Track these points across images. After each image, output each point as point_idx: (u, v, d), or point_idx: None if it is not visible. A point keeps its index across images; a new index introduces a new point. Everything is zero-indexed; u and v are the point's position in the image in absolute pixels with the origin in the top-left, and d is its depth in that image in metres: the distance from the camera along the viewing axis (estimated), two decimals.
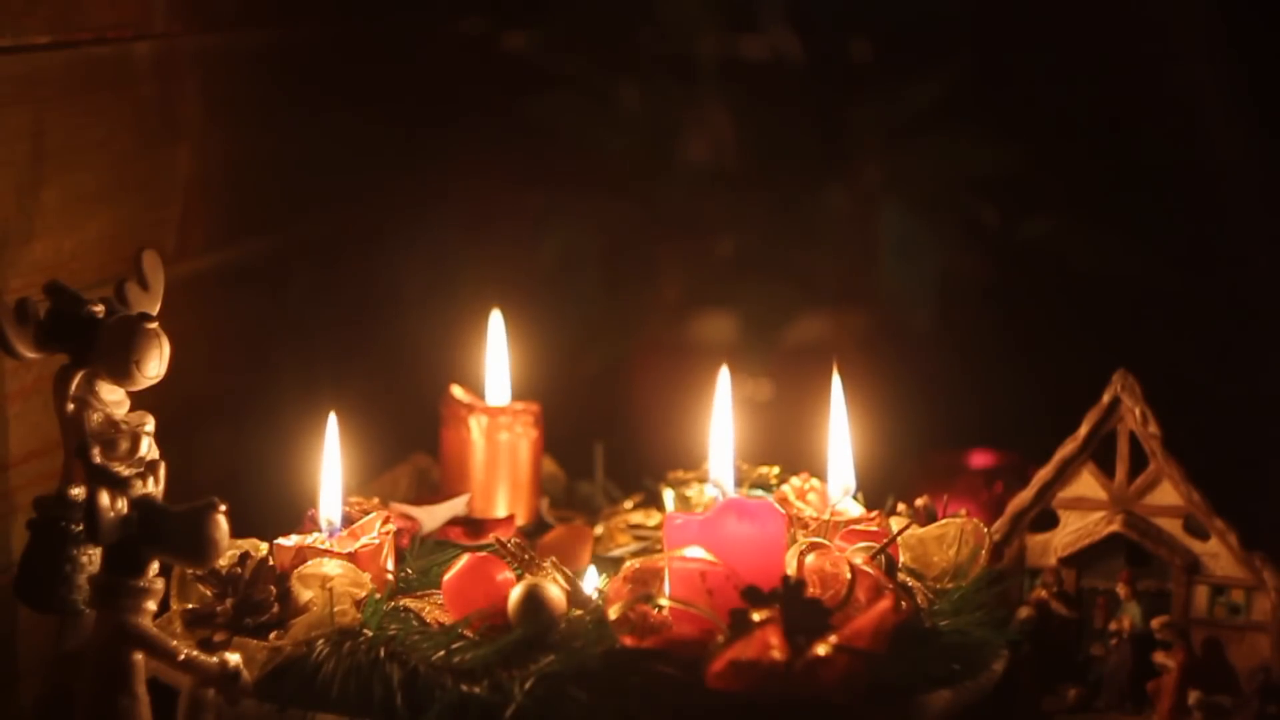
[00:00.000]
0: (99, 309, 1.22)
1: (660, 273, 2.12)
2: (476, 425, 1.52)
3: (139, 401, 1.24)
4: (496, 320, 1.59)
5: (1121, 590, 1.34)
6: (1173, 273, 1.95)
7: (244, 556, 1.26)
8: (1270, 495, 1.67)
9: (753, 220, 2.09)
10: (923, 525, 1.35)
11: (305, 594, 1.25)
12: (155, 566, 1.14)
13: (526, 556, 1.30)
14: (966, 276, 2.03)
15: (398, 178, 1.96)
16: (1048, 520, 1.38)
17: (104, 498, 1.11)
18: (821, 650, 1.15)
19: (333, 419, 1.37)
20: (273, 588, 1.24)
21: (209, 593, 1.25)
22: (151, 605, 1.14)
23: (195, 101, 1.55)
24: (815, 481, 1.42)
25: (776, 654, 1.15)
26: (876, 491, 1.46)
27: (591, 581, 1.31)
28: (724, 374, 1.46)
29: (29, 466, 1.30)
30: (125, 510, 1.12)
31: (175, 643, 1.15)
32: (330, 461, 1.35)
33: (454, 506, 1.44)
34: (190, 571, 1.24)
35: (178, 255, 1.52)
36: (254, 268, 1.68)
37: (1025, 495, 1.38)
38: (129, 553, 1.13)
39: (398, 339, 1.92)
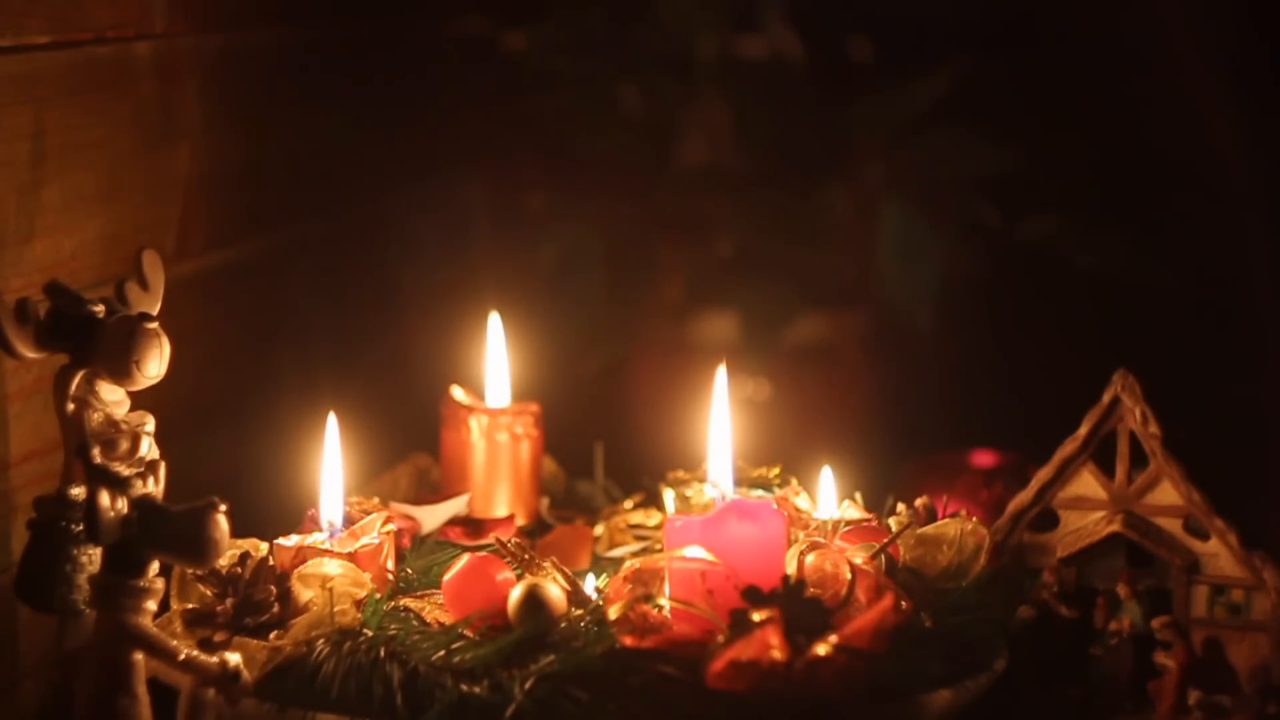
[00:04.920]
0: (99, 309, 1.22)
1: (660, 273, 2.12)
2: (476, 425, 1.52)
3: (139, 401, 1.24)
4: (496, 321, 1.58)
5: (1121, 590, 1.34)
6: (1173, 272, 1.95)
7: (244, 556, 1.26)
8: (1270, 495, 1.67)
9: (753, 220, 2.09)
10: (923, 525, 1.35)
11: (305, 594, 1.25)
12: (155, 566, 1.14)
13: (526, 556, 1.30)
14: (966, 276, 2.03)
15: (397, 178, 1.96)
16: (1048, 520, 1.38)
17: (104, 498, 1.11)
18: (821, 650, 1.15)
19: (332, 419, 1.37)
20: (273, 588, 1.24)
21: (209, 593, 1.25)
22: (151, 605, 1.14)
23: (195, 101, 1.55)
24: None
25: (776, 654, 1.15)
26: (876, 491, 1.46)
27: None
28: (721, 373, 1.46)
29: (29, 466, 1.30)
30: (125, 510, 1.12)
31: (175, 643, 1.14)
32: (331, 462, 1.35)
33: (454, 506, 1.44)
34: (190, 571, 1.24)
35: (178, 255, 1.52)
36: (254, 267, 1.68)
37: (1025, 495, 1.38)
38: (129, 553, 1.13)
39: (398, 339, 1.92)
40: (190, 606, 1.25)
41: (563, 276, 2.09)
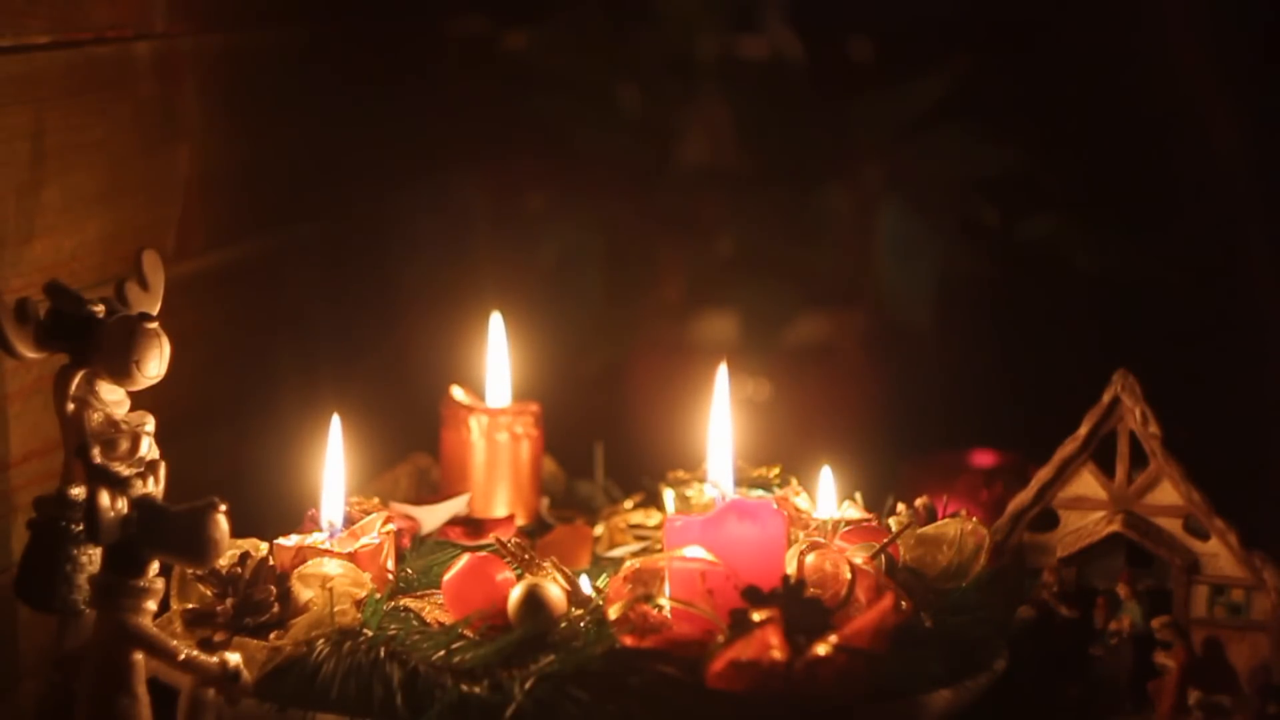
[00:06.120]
0: (99, 309, 1.22)
1: (660, 273, 2.12)
2: (476, 425, 1.52)
3: (139, 401, 1.24)
4: (497, 321, 1.59)
5: (1121, 590, 1.34)
6: (1173, 272, 1.95)
7: (244, 556, 1.26)
8: (1270, 495, 1.67)
9: (753, 220, 2.09)
10: (923, 525, 1.35)
11: (305, 594, 1.25)
12: (155, 566, 1.14)
13: (526, 556, 1.30)
14: (966, 276, 2.03)
15: (397, 178, 1.96)
16: (1048, 520, 1.38)
17: (104, 497, 1.11)
18: (821, 650, 1.15)
19: (336, 420, 1.37)
20: (273, 588, 1.24)
21: (209, 593, 1.25)
22: (151, 605, 1.14)
23: (195, 101, 1.55)
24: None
25: (776, 654, 1.15)
26: (876, 491, 1.46)
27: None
28: (722, 372, 1.46)
29: (29, 466, 1.30)
30: (125, 510, 1.12)
31: (175, 643, 1.14)
32: (333, 463, 1.35)
33: (454, 506, 1.44)
34: (190, 571, 1.24)
35: (178, 255, 1.52)
36: (254, 267, 1.68)
37: (1025, 495, 1.38)
38: (129, 553, 1.13)
39: (398, 339, 1.92)
40: (190, 606, 1.25)
41: (563, 276, 2.09)
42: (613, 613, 1.21)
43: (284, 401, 1.65)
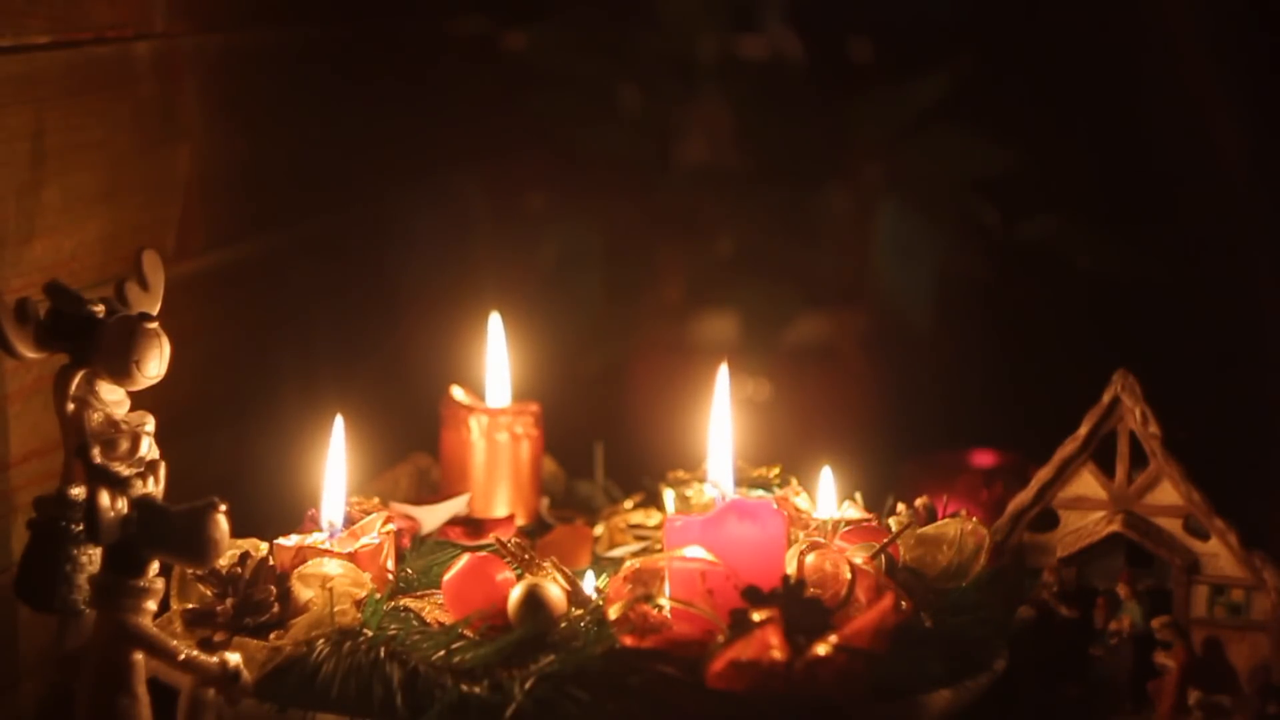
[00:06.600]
0: (99, 309, 1.22)
1: (660, 273, 2.12)
2: (476, 425, 1.52)
3: (139, 401, 1.24)
4: (496, 321, 1.59)
5: (1121, 590, 1.34)
6: (1173, 272, 1.95)
7: (244, 556, 1.26)
8: (1270, 495, 1.67)
9: (753, 220, 2.09)
10: (923, 525, 1.35)
11: (305, 594, 1.25)
12: (155, 566, 1.14)
13: (526, 556, 1.30)
14: (966, 276, 2.03)
15: (398, 178, 1.96)
16: (1048, 520, 1.38)
17: (104, 498, 1.11)
18: (821, 650, 1.15)
19: (339, 421, 1.37)
20: (273, 588, 1.24)
21: (209, 593, 1.25)
22: (151, 605, 1.14)
23: (195, 101, 1.55)
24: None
25: (776, 654, 1.15)
26: (876, 491, 1.46)
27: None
28: (723, 372, 1.46)
29: (29, 466, 1.30)
30: (125, 510, 1.12)
31: (175, 643, 1.15)
32: (334, 464, 1.35)
33: (454, 506, 1.44)
34: (190, 571, 1.24)
35: (178, 255, 1.52)
36: (255, 267, 1.68)
37: (1025, 495, 1.38)
38: (129, 553, 1.13)
39: (398, 339, 1.92)
40: (190, 606, 1.25)
41: (563, 276, 2.09)
42: (613, 613, 1.21)
43: (284, 401, 1.65)
